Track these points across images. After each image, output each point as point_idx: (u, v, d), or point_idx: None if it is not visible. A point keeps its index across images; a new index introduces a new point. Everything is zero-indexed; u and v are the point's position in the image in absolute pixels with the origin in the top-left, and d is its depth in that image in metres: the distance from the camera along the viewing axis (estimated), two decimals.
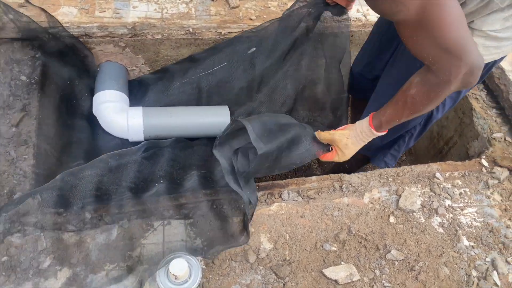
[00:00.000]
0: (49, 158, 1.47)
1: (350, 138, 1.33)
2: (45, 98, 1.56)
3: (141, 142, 1.70)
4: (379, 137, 1.36)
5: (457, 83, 1.04)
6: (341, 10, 1.66)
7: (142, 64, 1.90)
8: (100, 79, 1.77)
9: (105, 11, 1.78)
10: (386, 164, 1.78)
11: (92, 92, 1.76)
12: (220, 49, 1.83)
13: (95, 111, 1.71)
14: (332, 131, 1.36)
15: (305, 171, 2.30)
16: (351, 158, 1.86)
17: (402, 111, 1.19)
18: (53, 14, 1.69)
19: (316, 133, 1.42)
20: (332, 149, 1.40)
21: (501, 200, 1.50)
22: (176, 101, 1.89)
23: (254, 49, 1.78)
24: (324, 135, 1.37)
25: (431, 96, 1.10)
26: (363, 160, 1.91)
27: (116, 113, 1.68)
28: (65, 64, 1.68)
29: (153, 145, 1.58)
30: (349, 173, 2.02)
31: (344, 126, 1.39)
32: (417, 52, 1.04)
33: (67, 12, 1.73)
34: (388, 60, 1.60)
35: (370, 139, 1.33)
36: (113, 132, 1.71)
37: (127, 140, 1.73)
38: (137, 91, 1.91)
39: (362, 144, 1.34)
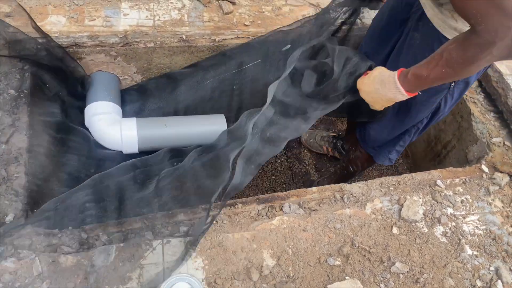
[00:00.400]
0: (42, 176, 1.43)
1: (377, 70, 1.34)
2: (36, 112, 1.51)
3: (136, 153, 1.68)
4: (386, 130, 1.37)
5: (500, 49, 0.97)
6: (378, 3, 1.65)
7: (134, 72, 1.86)
8: (92, 90, 1.72)
9: (95, 20, 1.72)
10: (390, 160, 1.78)
11: (84, 104, 1.70)
12: (254, 46, 1.80)
13: (87, 123, 1.66)
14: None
15: (302, 176, 2.28)
16: (356, 160, 1.84)
17: (434, 65, 1.13)
18: (41, 23, 1.64)
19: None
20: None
21: (503, 206, 1.49)
22: (208, 97, 1.90)
23: (289, 46, 1.75)
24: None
25: (468, 55, 1.03)
26: (368, 160, 1.89)
27: (109, 125, 1.64)
28: (55, 75, 1.62)
29: (143, 163, 1.53)
30: (354, 175, 2.01)
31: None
32: (466, 8, 0.97)
33: (55, 21, 1.68)
34: (387, 54, 1.57)
35: (386, 88, 1.28)
36: (106, 145, 1.66)
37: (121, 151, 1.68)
38: (166, 87, 1.88)
39: (384, 91, 1.29)
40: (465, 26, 1.11)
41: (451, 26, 1.23)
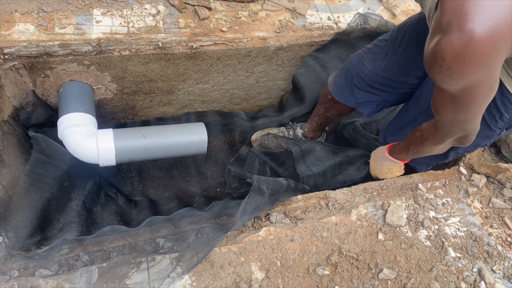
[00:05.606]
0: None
1: (374, 154, 1.64)
2: (4, 128, 1.43)
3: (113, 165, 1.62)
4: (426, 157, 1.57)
5: (449, 145, 1.25)
6: None
7: (109, 81, 1.79)
8: (64, 101, 1.64)
9: (65, 27, 1.65)
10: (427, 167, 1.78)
11: (56, 116, 1.63)
12: None
13: (60, 136, 1.59)
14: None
15: None
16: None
17: (409, 145, 1.39)
18: (7, 32, 1.55)
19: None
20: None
21: (481, 207, 1.53)
22: None
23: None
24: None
25: (427, 143, 1.29)
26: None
27: (84, 138, 1.57)
28: (23, 88, 1.54)
29: None
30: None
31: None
32: (436, 110, 1.12)
33: (23, 30, 1.59)
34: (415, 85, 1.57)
35: (386, 161, 1.55)
36: (82, 158, 1.59)
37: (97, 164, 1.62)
38: None
39: (380, 162, 1.58)
40: None
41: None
